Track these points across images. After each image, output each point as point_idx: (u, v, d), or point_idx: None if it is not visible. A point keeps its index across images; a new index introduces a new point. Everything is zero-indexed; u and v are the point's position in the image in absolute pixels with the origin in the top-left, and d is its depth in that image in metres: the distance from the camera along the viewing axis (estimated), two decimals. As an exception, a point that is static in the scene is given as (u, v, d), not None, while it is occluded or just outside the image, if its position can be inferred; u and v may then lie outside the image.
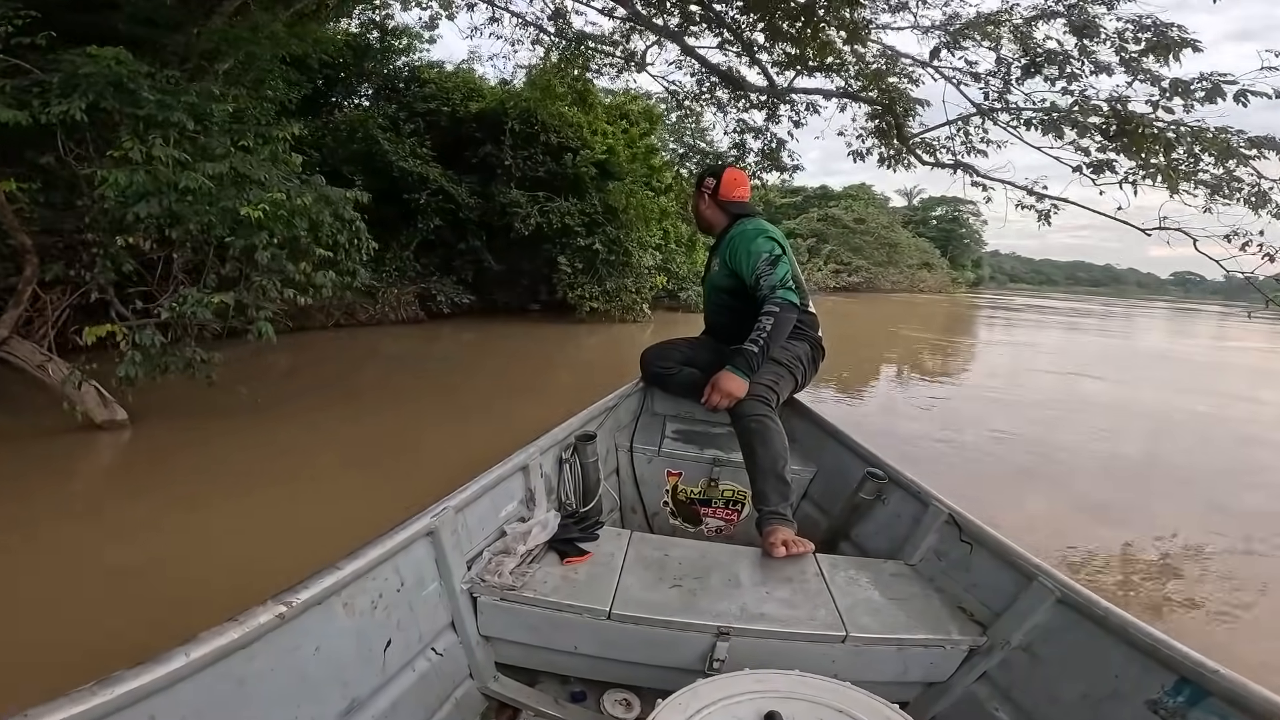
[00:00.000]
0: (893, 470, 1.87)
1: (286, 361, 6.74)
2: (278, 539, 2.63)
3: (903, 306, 24.72)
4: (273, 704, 0.90)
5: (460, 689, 1.30)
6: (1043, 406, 7.02)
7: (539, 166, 10.91)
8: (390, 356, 7.84)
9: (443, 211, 9.97)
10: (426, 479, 3.16)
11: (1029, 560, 1.32)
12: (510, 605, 1.31)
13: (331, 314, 8.76)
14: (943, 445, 4.85)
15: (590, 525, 1.64)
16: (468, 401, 5.62)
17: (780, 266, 2.00)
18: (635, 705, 1.35)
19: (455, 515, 1.33)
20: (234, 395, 4.25)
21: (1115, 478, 4.46)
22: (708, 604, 1.33)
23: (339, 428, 4.47)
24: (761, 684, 0.93)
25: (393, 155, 9.44)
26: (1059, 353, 12.93)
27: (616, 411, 2.40)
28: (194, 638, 0.79)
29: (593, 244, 10.23)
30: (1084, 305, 41.44)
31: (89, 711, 0.65)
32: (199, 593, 2.04)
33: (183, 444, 3.76)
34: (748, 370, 1.91)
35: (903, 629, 1.32)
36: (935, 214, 58.15)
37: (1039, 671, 1.21)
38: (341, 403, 5.16)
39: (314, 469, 3.64)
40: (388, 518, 1.22)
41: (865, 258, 30.39)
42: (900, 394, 7.43)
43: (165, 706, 0.74)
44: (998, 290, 68.37)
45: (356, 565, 1.05)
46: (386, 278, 9.41)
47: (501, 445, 1.68)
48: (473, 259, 10.64)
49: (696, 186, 2.37)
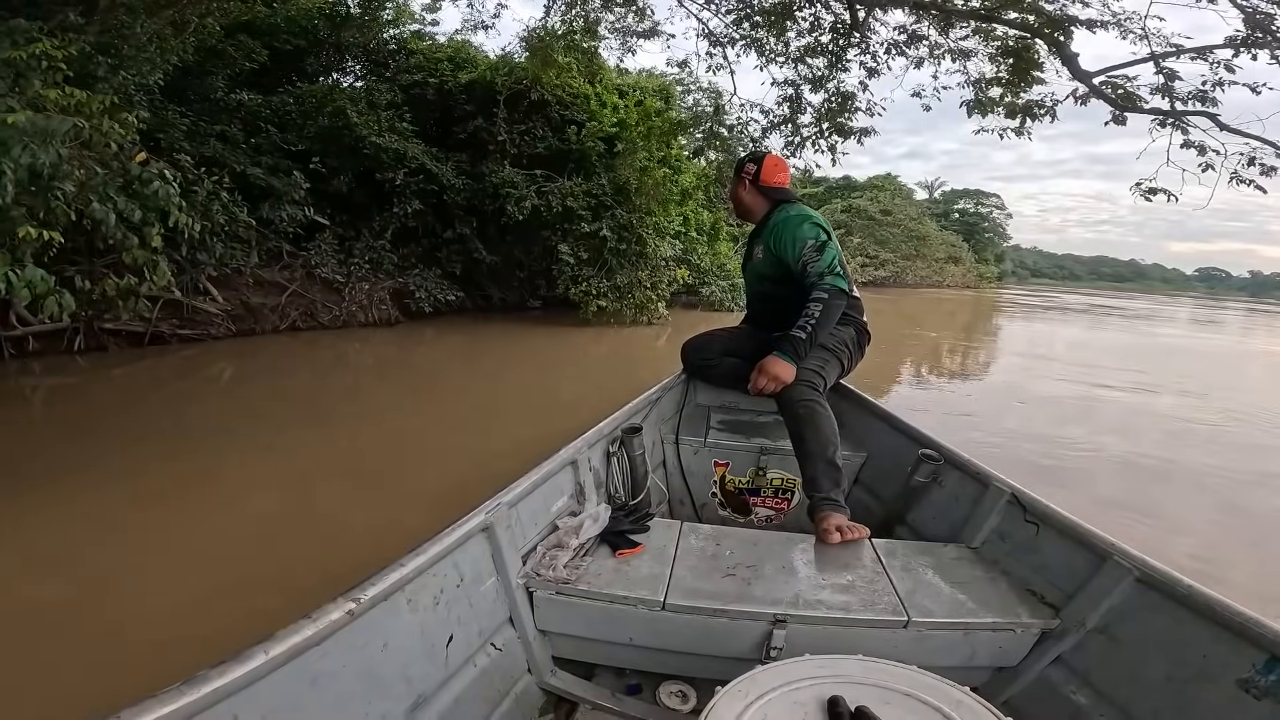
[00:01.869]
0: (948, 451, 1.82)
1: (177, 376, 5.28)
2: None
3: (934, 303, 22.98)
4: (344, 701, 0.90)
5: (519, 684, 1.30)
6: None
7: (537, 142, 9.42)
8: (345, 365, 6.37)
9: (424, 194, 8.51)
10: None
11: (1102, 539, 1.28)
12: (566, 599, 1.30)
13: (285, 315, 7.32)
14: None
15: (641, 517, 1.61)
16: (419, 438, 4.12)
17: (827, 252, 1.97)
18: (691, 697, 1.35)
19: (509, 511, 1.32)
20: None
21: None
22: (763, 592, 1.30)
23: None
24: (823, 669, 0.87)
25: (363, 130, 7.98)
26: (1162, 372, 11.23)
27: (660, 404, 2.36)
28: (271, 636, 0.79)
29: (599, 230, 8.63)
30: (1127, 302, 39.35)
31: (178, 711, 0.65)
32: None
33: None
34: (795, 356, 1.88)
35: (968, 613, 1.28)
36: (958, 207, 56.40)
37: (1118, 653, 1.17)
38: (174, 459, 3.28)
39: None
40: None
41: (892, 251, 28.57)
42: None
43: (246, 705, 0.74)
44: (1022, 285, 66.28)
45: (418, 562, 1.05)
46: (356, 271, 7.94)
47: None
48: (461, 249, 9.16)
49: (736, 173, 2.31)
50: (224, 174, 6.33)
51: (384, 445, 3.84)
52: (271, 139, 7.77)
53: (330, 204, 8.28)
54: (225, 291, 7.19)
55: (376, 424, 4.28)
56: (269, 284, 7.46)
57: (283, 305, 7.33)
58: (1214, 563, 2.77)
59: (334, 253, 7.93)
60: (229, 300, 7.12)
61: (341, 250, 8.08)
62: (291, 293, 7.46)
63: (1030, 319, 20.00)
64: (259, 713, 0.75)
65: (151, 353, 6.08)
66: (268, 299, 7.34)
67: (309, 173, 7.85)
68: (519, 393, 5.55)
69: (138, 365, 5.60)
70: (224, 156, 6.89)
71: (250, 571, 2.19)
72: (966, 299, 26.56)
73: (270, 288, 7.47)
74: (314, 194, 8.08)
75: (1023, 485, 1.56)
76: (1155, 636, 1.12)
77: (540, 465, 1.50)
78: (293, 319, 7.36)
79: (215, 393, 5.07)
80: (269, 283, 7.46)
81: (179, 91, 7.37)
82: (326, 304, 7.63)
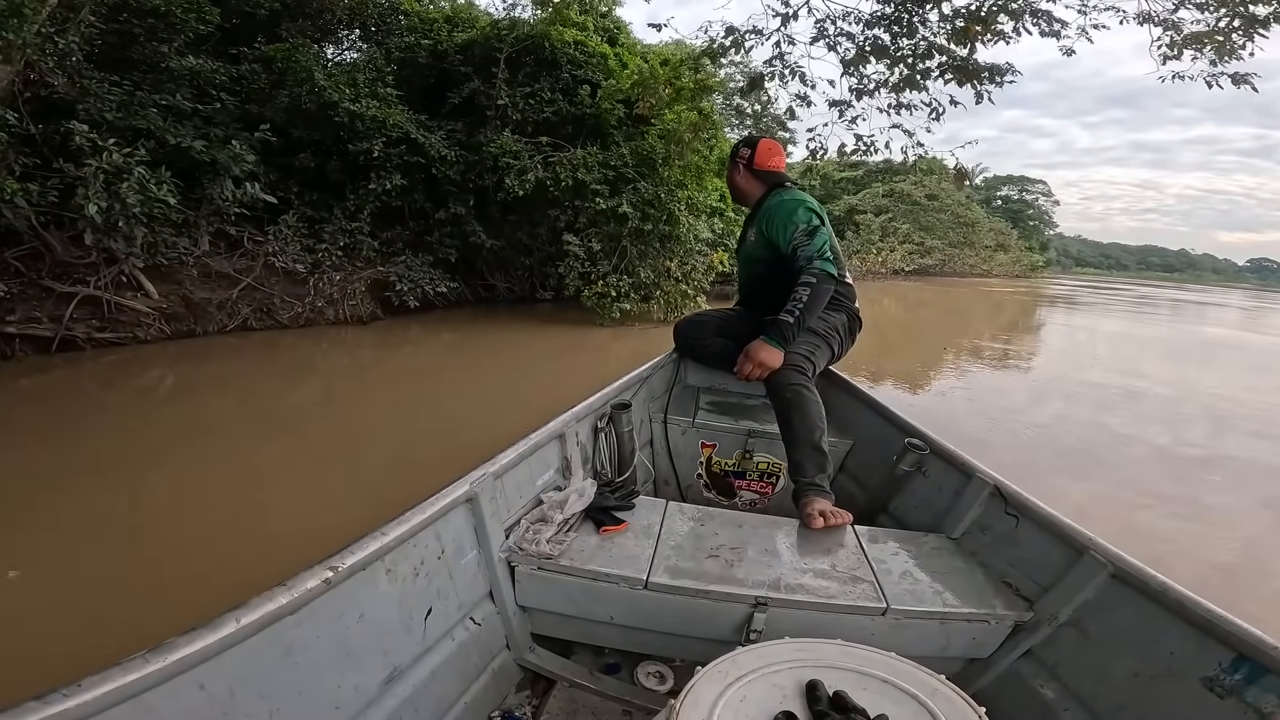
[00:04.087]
0: (934, 441, 1.80)
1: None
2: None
3: (984, 296, 20.98)
4: (318, 671, 0.87)
5: (497, 660, 1.29)
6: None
7: (544, 106, 7.96)
8: (279, 375, 5.02)
9: (409, 168, 7.13)
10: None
11: (1079, 533, 1.27)
12: (547, 574, 1.28)
13: (235, 312, 6.02)
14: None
15: (627, 495, 1.58)
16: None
17: (818, 237, 1.96)
18: (669, 678, 1.36)
19: (494, 482, 1.29)
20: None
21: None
22: (745, 574, 1.29)
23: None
24: (802, 652, 0.85)
25: (332, 94, 6.63)
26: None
27: (650, 382, 2.31)
28: (244, 603, 0.76)
29: (618, 206, 7.10)
30: (1199, 296, 36.40)
31: (141, 680, 0.64)
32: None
33: None
34: (782, 341, 1.87)
35: (945, 603, 1.27)
36: (1000, 194, 53.71)
37: (1088, 648, 1.17)
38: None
39: None
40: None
41: (939, 238, 26.41)
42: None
43: (214, 674, 0.72)
44: (1069, 275, 63.06)
45: (400, 531, 1.02)
46: (326, 258, 6.61)
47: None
48: (455, 233, 7.79)
49: (731, 157, 2.29)
50: (139, 146, 5.06)
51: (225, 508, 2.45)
52: (227, 108, 6.48)
53: (298, 181, 6.98)
54: (165, 285, 5.94)
55: (235, 472, 2.90)
56: (219, 276, 6.18)
57: (233, 300, 6.04)
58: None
59: (299, 237, 6.61)
60: (167, 296, 5.86)
61: (311, 235, 6.76)
62: (245, 286, 6.16)
63: (1125, 316, 17.92)
64: (226, 682, 0.73)
65: (57, 363, 4.82)
66: (215, 293, 6.06)
67: (270, 145, 6.58)
68: (507, 414, 4.13)
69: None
70: (160, 129, 5.63)
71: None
72: (1021, 291, 24.35)
73: (220, 280, 6.20)
74: (278, 170, 6.80)
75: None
76: (1125, 632, 1.12)
77: (527, 437, 1.46)
78: (244, 317, 6.06)
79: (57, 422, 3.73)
80: (219, 274, 6.19)
81: (124, 61, 6.28)
82: (287, 298, 6.31)
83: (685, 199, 7.63)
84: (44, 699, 0.57)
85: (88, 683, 0.60)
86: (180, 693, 0.68)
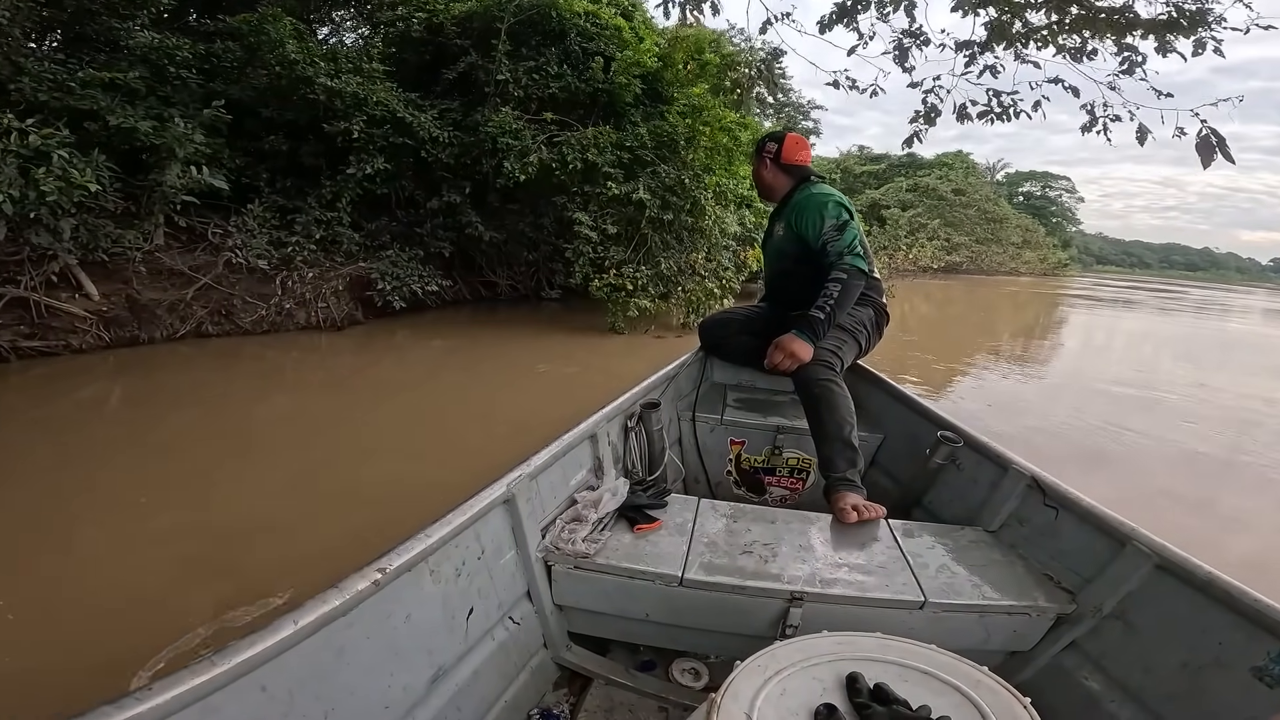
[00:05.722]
0: (967, 433, 1.76)
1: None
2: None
3: (1012, 295, 19.82)
4: (368, 672, 0.88)
5: (535, 658, 1.29)
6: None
7: (551, 81, 7.04)
8: (202, 402, 4.13)
9: (395, 151, 6.24)
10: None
11: (1122, 524, 1.23)
12: (583, 573, 1.27)
13: (188, 316, 5.15)
14: None
15: (659, 493, 1.56)
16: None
17: (848, 232, 1.94)
18: (704, 675, 1.35)
19: (530, 483, 1.28)
20: None
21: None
22: (779, 570, 1.27)
23: None
24: (842, 646, 0.82)
25: (306, 68, 5.75)
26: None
27: (677, 381, 2.28)
28: (300, 605, 0.76)
29: (634, 192, 6.16)
30: (1247, 297, 34.92)
31: (209, 682, 0.64)
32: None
33: None
34: (813, 336, 1.85)
35: (985, 596, 1.25)
36: (1023, 190, 52.20)
37: (1133, 640, 1.15)
38: None
39: None
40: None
41: (966, 234, 25.16)
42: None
43: (275, 675, 0.72)
44: (1091, 273, 61.36)
45: (442, 532, 1.02)
46: (297, 253, 5.73)
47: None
48: (450, 224, 6.89)
49: (757, 152, 2.25)
50: (59, 127, 4.23)
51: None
52: (189, 86, 5.61)
53: (268, 166, 6.12)
54: (111, 285, 5.10)
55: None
56: (172, 274, 5.33)
57: (186, 302, 5.17)
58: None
59: (268, 229, 5.74)
60: (110, 297, 5.01)
61: (283, 227, 5.89)
62: (202, 285, 5.30)
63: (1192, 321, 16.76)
64: (286, 684, 0.73)
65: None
66: (166, 293, 5.20)
67: (240, 127, 5.72)
68: (489, 452, 3.21)
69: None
70: (104, 109, 4.80)
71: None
72: (1054, 290, 23.10)
73: (175, 279, 5.34)
74: (245, 154, 5.95)
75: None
76: (1172, 623, 1.09)
77: (560, 438, 1.44)
78: (199, 320, 5.19)
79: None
80: (173, 272, 5.33)
81: (80, 39, 5.58)
82: (250, 299, 5.43)
83: (713, 185, 6.64)
84: (117, 703, 0.58)
85: (158, 686, 0.61)
86: (244, 694, 0.68)
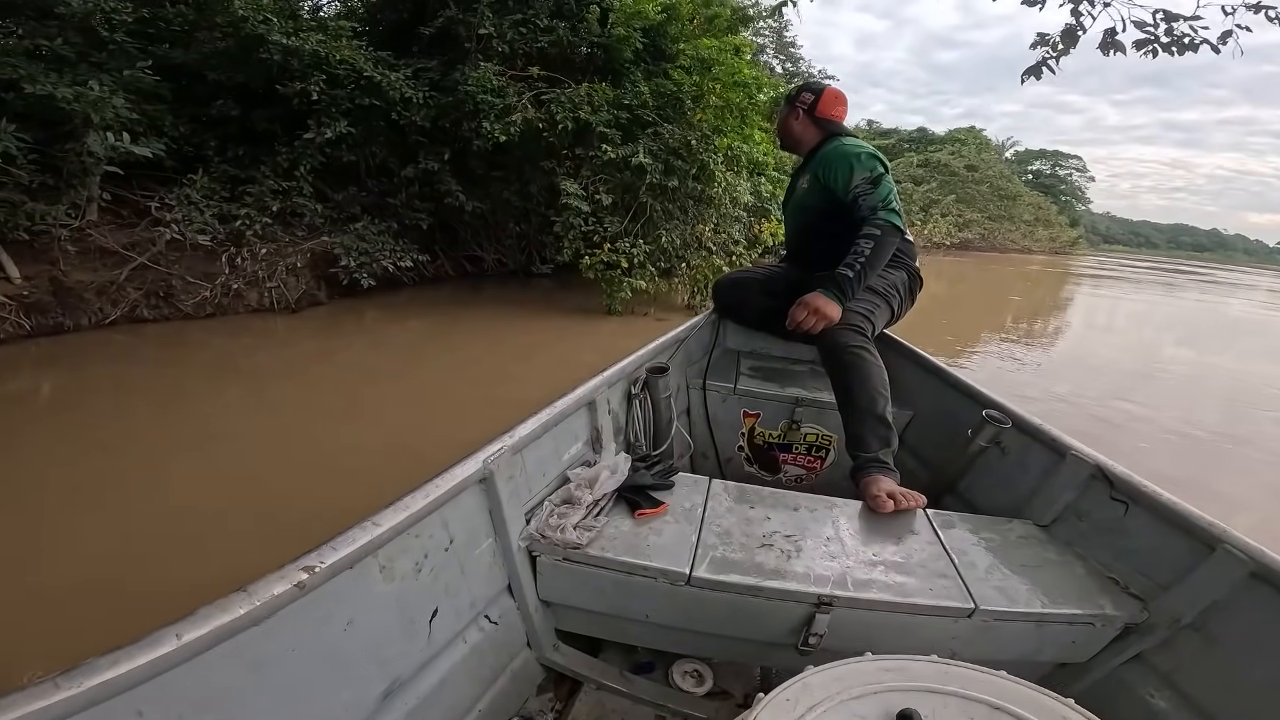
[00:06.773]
0: (1016, 413, 1.54)
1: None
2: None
3: (1025, 274, 19.03)
4: (297, 689, 0.72)
5: (517, 660, 1.14)
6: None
7: (540, 35, 6.27)
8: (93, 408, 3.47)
9: (361, 113, 5.51)
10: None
11: (1211, 524, 1.06)
12: (574, 566, 1.09)
13: (120, 298, 4.48)
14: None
15: (665, 471, 1.36)
16: None
17: (883, 185, 1.74)
18: (707, 678, 1.21)
19: (512, 458, 1.09)
20: None
21: None
22: (804, 569, 1.08)
23: None
24: (890, 674, 0.67)
25: (256, 26, 5.00)
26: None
27: (687, 345, 2.07)
28: (190, 614, 0.62)
29: (633, 156, 5.43)
30: (1254, 278, 34.16)
31: (50, 708, 0.50)
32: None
33: None
34: (841, 296, 1.64)
35: (1042, 602, 1.07)
36: (1032, 168, 51.15)
37: (1214, 655, 0.99)
38: None
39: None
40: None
41: (979, 210, 24.29)
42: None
43: (155, 697, 0.58)
44: (1099, 252, 60.38)
45: (397, 520, 0.85)
46: (247, 228, 5.03)
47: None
48: (428, 194, 6.18)
49: (789, 102, 2.05)
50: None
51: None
52: (125, 50, 4.88)
53: (217, 134, 5.42)
54: (36, 266, 4.43)
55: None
56: (105, 252, 4.65)
57: (119, 284, 4.49)
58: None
59: (218, 201, 5.05)
60: (33, 280, 4.35)
61: (234, 199, 5.19)
62: (137, 265, 4.62)
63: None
64: (175, 708, 0.60)
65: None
66: (97, 274, 4.52)
67: (187, 93, 5.02)
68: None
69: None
70: (21, 76, 4.10)
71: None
72: (1071, 268, 22.27)
73: (108, 258, 4.66)
74: (190, 121, 5.25)
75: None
76: (1264, 639, 0.95)
77: (552, 404, 1.25)
78: (132, 303, 4.51)
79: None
80: (105, 250, 4.65)
81: (9, 6, 4.80)
82: (193, 279, 4.75)
83: (724, 148, 5.88)
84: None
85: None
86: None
